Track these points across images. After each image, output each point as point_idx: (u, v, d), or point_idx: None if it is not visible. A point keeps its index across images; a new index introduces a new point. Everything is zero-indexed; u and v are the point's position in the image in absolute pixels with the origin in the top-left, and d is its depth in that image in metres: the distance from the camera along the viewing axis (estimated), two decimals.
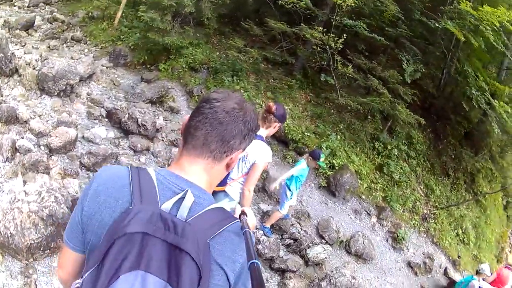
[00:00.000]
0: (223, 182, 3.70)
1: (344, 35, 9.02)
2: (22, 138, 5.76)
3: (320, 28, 9.07)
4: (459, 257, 10.52)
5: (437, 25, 9.62)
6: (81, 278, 1.09)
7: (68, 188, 4.84)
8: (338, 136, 9.63)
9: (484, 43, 9.91)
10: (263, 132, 3.76)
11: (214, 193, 3.70)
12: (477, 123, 12.64)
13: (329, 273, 6.24)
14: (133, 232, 1.04)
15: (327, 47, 9.01)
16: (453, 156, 12.42)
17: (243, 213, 1.36)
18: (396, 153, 10.41)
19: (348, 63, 9.30)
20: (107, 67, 8.24)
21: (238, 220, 1.27)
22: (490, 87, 10.61)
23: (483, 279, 8.08)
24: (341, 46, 8.89)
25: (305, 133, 9.11)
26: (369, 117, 10.81)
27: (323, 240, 7.43)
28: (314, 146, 8.82)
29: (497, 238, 12.99)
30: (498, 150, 13.41)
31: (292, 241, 6.78)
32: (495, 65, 13.04)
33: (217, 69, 9.07)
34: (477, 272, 8.51)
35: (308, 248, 6.71)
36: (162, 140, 6.93)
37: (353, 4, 8.97)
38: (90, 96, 7.30)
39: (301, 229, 7.13)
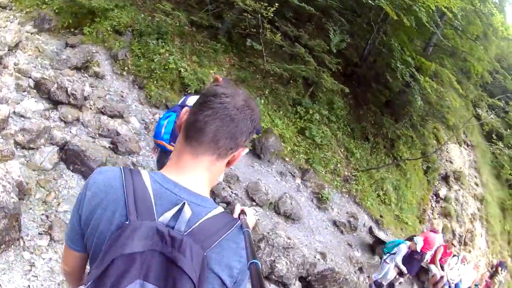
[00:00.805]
0: (174, 139, 4.37)
1: (276, 4, 9.68)
2: None
3: None
4: (381, 216, 12.02)
5: (370, 1, 10.61)
6: (85, 285, 1.18)
7: (11, 173, 4.87)
8: (262, 101, 10.61)
9: (415, 22, 11.14)
10: None
11: (168, 152, 4.55)
12: (399, 93, 14.26)
13: (266, 235, 7.02)
14: (132, 253, 1.11)
15: (258, 15, 9.70)
16: (373, 122, 13.97)
17: (242, 212, 1.49)
18: (317, 118, 11.62)
19: (276, 30, 10.20)
20: (31, 33, 8.40)
21: (238, 222, 1.36)
22: (416, 62, 12.16)
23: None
24: (272, 15, 9.62)
25: None
26: (291, 82, 11.89)
27: (253, 202, 8.34)
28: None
29: (418, 201, 14.76)
30: (419, 119, 15.18)
31: (225, 204, 7.51)
32: (422, 40, 14.63)
33: (142, 32, 9.53)
34: (410, 239, 9.47)
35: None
36: (91, 109, 7.37)
37: None
38: (17, 67, 7.43)
39: (232, 192, 7.98)
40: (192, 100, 4.61)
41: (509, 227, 21.24)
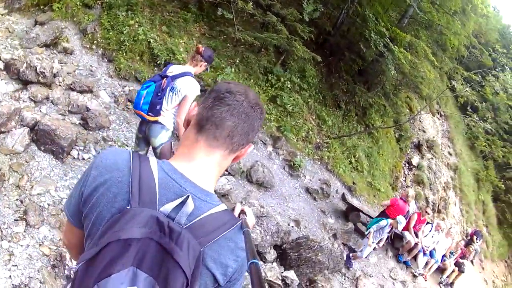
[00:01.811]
0: (156, 113, 4.52)
1: None
2: None
3: None
4: (354, 183, 12.33)
5: None
6: (77, 264, 1.16)
7: None
8: (233, 69, 10.61)
9: None
10: (192, 69, 4.70)
11: (151, 124, 4.66)
12: (372, 62, 14.37)
13: (239, 204, 7.23)
14: (129, 238, 1.12)
15: None
16: (345, 90, 14.13)
17: (242, 212, 1.55)
18: (289, 85, 11.70)
19: None
20: (2, 15, 8.28)
21: (238, 222, 1.37)
22: (390, 33, 12.28)
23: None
24: None
25: None
26: (263, 50, 11.93)
27: (225, 172, 8.31)
28: (210, 80, 9.79)
29: (390, 168, 15.17)
30: (392, 89, 15.51)
31: None
32: (398, 12, 14.79)
33: (112, 4, 9.43)
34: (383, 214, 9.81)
35: None
36: (60, 85, 7.32)
37: None
38: None
39: None
40: (174, 68, 4.69)
41: (483, 197, 22.08)
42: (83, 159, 6.21)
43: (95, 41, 8.95)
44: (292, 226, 8.71)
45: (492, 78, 19.61)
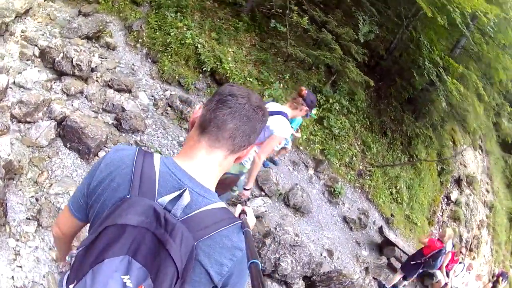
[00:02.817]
0: None
1: None
2: None
3: None
4: (392, 215, 11.38)
5: None
6: (77, 250, 1.15)
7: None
8: (281, 85, 9.81)
9: (448, 22, 10.32)
10: (288, 111, 4.22)
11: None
12: (422, 91, 13.38)
13: (273, 230, 6.46)
14: (125, 224, 1.11)
15: None
16: (392, 118, 13.17)
17: (243, 212, 1.49)
18: (337, 108, 10.83)
19: (303, 13, 9.42)
20: (45, 0, 7.75)
21: (238, 222, 1.33)
22: (443, 62, 11.32)
23: None
24: None
25: (248, 79, 9.19)
26: (313, 68, 11.05)
27: (262, 192, 7.73)
28: (258, 92, 9.02)
29: (429, 202, 14.09)
30: (440, 120, 14.38)
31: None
32: (450, 42, 13.65)
33: (161, 3, 8.87)
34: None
35: (248, 200, 6.77)
36: (97, 81, 6.72)
37: None
38: (24, 34, 6.83)
39: None
40: (271, 106, 4.18)
41: None
42: None
43: (140, 40, 8.30)
44: (325, 257, 8.09)
45: None
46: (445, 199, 15.34)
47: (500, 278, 12.65)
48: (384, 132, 12.82)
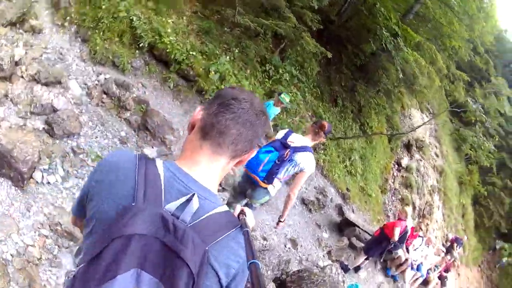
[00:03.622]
0: (270, 181, 4.42)
1: None
2: None
3: None
4: (347, 189, 11.36)
5: None
6: (77, 267, 1.12)
7: None
8: (228, 58, 9.14)
9: None
10: (310, 143, 4.60)
11: (259, 187, 4.53)
12: (372, 56, 13.21)
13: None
14: (132, 234, 1.07)
15: None
16: (342, 85, 12.93)
17: (242, 212, 1.44)
18: (287, 78, 10.36)
19: None
20: None
21: (240, 224, 1.33)
22: (401, 31, 11.07)
23: None
24: None
25: (191, 53, 8.37)
26: (260, 35, 10.35)
27: (219, 187, 7.24)
28: (201, 69, 8.37)
29: (381, 170, 14.26)
30: (392, 87, 14.27)
31: None
32: (403, 7, 13.31)
33: None
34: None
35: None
36: (22, 77, 5.77)
37: None
38: None
39: None
40: (295, 139, 4.50)
41: (464, 201, 21.87)
42: (49, 183, 4.75)
43: (68, 17, 7.19)
44: (289, 248, 7.98)
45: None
46: (396, 165, 15.57)
47: (455, 244, 13.17)
48: (335, 101, 12.61)
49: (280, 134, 4.62)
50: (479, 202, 24.14)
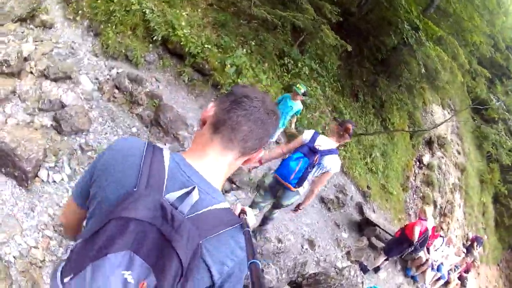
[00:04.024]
0: (300, 185, 4.69)
1: None
2: None
3: None
4: (368, 187, 11.04)
5: None
6: (76, 242, 1.13)
7: None
8: (245, 51, 8.89)
9: None
10: (335, 144, 4.76)
11: (288, 190, 4.82)
12: (394, 50, 12.84)
13: (254, 242, 6.00)
14: (130, 218, 1.09)
15: None
16: (364, 79, 12.61)
17: (242, 212, 1.45)
18: (306, 72, 10.08)
19: None
20: None
21: (240, 222, 1.32)
22: (422, 25, 10.73)
23: None
24: None
25: (206, 46, 8.14)
26: (278, 28, 10.06)
27: (233, 185, 7.18)
28: (216, 63, 8.15)
29: (403, 167, 13.89)
30: (413, 82, 13.86)
31: None
32: (424, 1, 12.94)
33: None
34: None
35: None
36: (31, 73, 5.62)
37: None
38: None
39: None
40: (321, 142, 4.67)
41: (485, 199, 21.43)
42: (55, 182, 4.58)
43: (80, 11, 7.04)
44: (307, 249, 7.69)
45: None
46: (417, 163, 15.21)
47: (475, 244, 12.78)
48: (356, 95, 12.30)
49: (306, 136, 4.73)
50: (499, 200, 23.64)
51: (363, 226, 9.90)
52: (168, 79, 7.81)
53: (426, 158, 15.52)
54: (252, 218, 1.52)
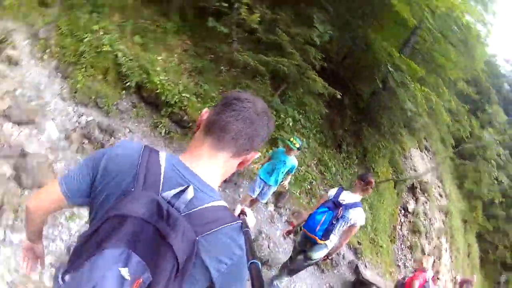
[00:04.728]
0: (326, 238, 4.85)
1: None
2: None
3: None
4: (359, 243, 10.40)
5: None
6: (77, 242, 1.15)
7: None
8: None
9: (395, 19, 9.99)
10: (358, 198, 4.93)
11: (317, 244, 4.99)
12: (373, 95, 12.65)
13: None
14: (127, 215, 1.11)
15: None
16: (346, 129, 12.17)
17: (242, 212, 1.56)
18: (290, 124, 9.40)
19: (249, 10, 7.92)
20: None
21: (239, 221, 1.33)
22: (405, 66, 10.49)
23: None
24: None
25: (183, 94, 7.54)
26: (257, 76, 9.40)
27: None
28: (197, 113, 7.47)
29: (389, 217, 13.29)
30: (390, 126, 13.52)
31: None
32: (400, 40, 12.75)
33: (73, 4, 7.17)
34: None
35: None
36: None
37: None
38: None
39: None
40: (346, 196, 4.88)
41: (469, 239, 21.34)
42: (12, 242, 3.71)
43: (48, 50, 6.46)
44: None
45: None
46: (402, 211, 14.71)
47: (464, 286, 12.85)
48: (339, 146, 11.75)
49: (331, 192, 5.04)
50: (484, 237, 23.75)
51: (358, 286, 9.09)
52: (143, 130, 7.09)
53: (411, 206, 15.07)
54: (252, 219, 1.59)
